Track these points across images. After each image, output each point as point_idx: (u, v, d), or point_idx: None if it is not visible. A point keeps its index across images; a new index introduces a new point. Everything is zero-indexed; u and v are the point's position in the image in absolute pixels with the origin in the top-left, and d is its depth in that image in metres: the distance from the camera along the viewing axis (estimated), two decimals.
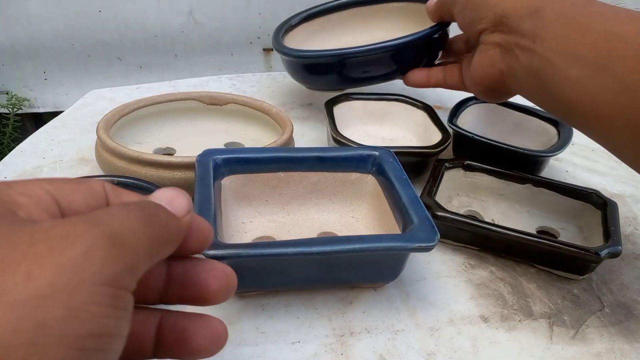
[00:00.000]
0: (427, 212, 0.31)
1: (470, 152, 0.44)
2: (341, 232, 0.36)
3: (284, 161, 0.36)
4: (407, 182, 0.34)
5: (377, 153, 0.37)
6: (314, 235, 0.36)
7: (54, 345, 0.13)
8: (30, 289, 0.13)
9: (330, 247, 0.27)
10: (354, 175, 0.37)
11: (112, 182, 0.35)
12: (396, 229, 0.32)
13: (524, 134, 0.49)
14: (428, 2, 0.48)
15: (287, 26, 0.55)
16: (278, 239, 0.35)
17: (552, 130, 0.48)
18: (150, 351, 0.20)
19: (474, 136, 0.43)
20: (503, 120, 0.50)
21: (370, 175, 0.37)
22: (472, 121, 0.48)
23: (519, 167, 0.42)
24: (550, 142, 0.46)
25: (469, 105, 0.49)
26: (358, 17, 0.59)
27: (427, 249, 0.29)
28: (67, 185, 0.18)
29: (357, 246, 0.28)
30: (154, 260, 0.17)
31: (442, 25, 0.48)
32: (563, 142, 0.45)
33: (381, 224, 0.35)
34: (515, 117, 0.50)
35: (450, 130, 0.45)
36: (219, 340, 0.21)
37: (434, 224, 0.30)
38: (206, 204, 0.29)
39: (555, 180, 0.41)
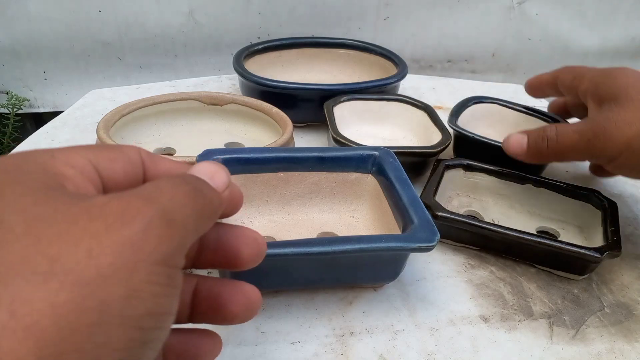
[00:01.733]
0: (427, 212, 0.31)
1: (471, 152, 0.44)
2: (341, 232, 0.36)
3: (284, 161, 0.36)
4: (407, 182, 0.34)
5: (377, 153, 0.37)
6: (314, 235, 0.36)
7: (117, 325, 0.13)
8: (92, 268, 0.13)
9: (330, 247, 0.27)
10: (354, 175, 0.37)
11: None
12: (396, 229, 0.32)
13: None
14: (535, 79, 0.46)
15: (246, 53, 0.56)
16: (278, 239, 0.35)
17: None
18: (186, 316, 0.20)
19: (474, 136, 0.43)
20: (503, 120, 0.50)
21: (370, 175, 0.37)
22: (472, 121, 0.48)
23: (520, 166, 0.41)
24: None
25: (469, 106, 0.49)
26: (307, 57, 0.61)
27: (427, 249, 0.29)
28: (106, 154, 0.17)
29: (357, 246, 0.28)
30: (198, 235, 0.17)
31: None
32: None
33: (381, 224, 0.35)
34: (515, 117, 0.50)
35: (451, 131, 0.45)
36: (253, 307, 0.21)
37: (434, 224, 0.30)
38: None
39: (555, 180, 0.41)
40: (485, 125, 0.49)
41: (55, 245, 0.13)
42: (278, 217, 0.37)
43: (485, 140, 0.43)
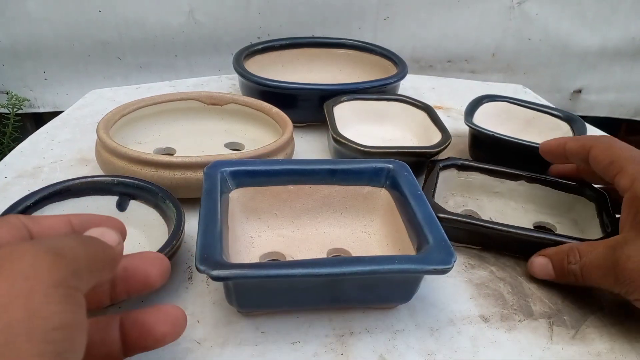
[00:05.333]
0: (442, 231, 0.30)
1: (490, 150, 0.43)
2: (353, 248, 0.35)
3: (295, 173, 0.35)
4: (422, 198, 0.33)
5: (391, 166, 0.36)
6: (324, 251, 0.35)
7: (24, 342, 0.15)
8: None
9: (340, 268, 0.26)
10: (367, 189, 0.36)
11: (112, 182, 0.35)
12: (410, 247, 0.31)
13: (535, 130, 0.49)
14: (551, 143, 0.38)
15: (246, 53, 0.57)
16: (287, 255, 0.34)
17: (564, 126, 0.48)
18: (120, 352, 0.22)
19: (494, 134, 0.43)
20: (514, 118, 0.50)
21: (384, 189, 0.36)
22: (484, 119, 0.48)
23: (538, 164, 0.41)
24: None
25: (482, 104, 0.50)
26: (307, 57, 0.62)
27: (443, 272, 0.27)
28: None
29: (368, 268, 0.27)
30: (95, 275, 0.19)
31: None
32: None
33: (395, 240, 0.34)
34: (527, 114, 0.50)
35: (467, 129, 0.45)
36: (179, 323, 0.23)
37: (450, 244, 0.29)
38: (212, 220, 0.29)
39: (548, 175, 0.41)
40: (497, 122, 0.49)
41: None
42: (287, 231, 0.36)
43: (506, 138, 0.43)
